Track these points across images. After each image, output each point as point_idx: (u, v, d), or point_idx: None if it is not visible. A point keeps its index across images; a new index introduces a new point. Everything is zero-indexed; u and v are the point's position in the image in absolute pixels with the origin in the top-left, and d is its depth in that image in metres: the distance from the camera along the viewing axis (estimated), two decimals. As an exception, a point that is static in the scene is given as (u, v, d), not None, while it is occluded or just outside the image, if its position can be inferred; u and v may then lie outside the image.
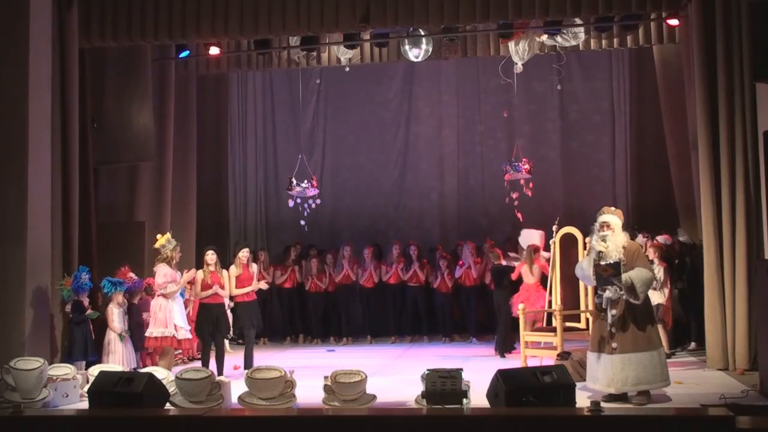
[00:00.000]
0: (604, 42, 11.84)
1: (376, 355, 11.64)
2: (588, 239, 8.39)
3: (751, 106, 9.31)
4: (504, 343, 11.07)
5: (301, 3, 10.23)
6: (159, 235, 9.93)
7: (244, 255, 10.04)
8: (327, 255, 13.52)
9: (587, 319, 9.26)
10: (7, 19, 9.41)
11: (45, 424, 6.24)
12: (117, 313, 9.77)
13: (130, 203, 12.21)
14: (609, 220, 7.71)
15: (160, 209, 12.38)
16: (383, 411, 7.02)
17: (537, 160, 13.19)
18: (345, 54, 12.20)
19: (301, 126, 14.49)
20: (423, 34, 11.60)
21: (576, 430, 5.61)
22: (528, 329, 9.96)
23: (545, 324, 9.97)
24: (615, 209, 7.94)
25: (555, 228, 10.03)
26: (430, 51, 11.76)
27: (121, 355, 9.63)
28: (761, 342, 8.11)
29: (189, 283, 10.22)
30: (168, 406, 7.16)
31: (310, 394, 7.68)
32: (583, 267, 7.86)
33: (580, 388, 7.24)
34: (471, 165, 14.86)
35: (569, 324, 9.40)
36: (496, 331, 11.75)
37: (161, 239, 9.79)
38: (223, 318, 9.88)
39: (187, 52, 12.31)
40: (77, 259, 10.11)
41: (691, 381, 8.62)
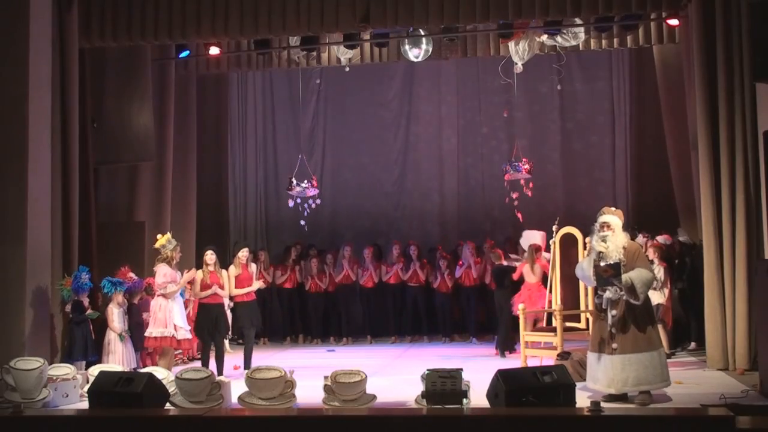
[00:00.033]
0: (604, 42, 11.84)
1: (376, 355, 11.63)
2: (588, 239, 8.39)
3: (751, 106, 9.31)
4: (505, 343, 11.08)
5: (301, 3, 10.24)
6: (159, 235, 9.93)
7: (243, 255, 10.03)
8: (327, 255, 13.52)
9: (587, 319, 9.26)
10: (7, 19, 9.41)
11: (45, 424, 6.24)
12: (117, 313, 9.77)
13: (130, 203, 12.21)
14: (609, 220, 7.70)
15: (160, 209, 12.39)
16: (383, 411, 7.02)
17: (537, 160, 13.20)
18: (345, 54, 12.20)
19: (301, 126, 14.49)
20: (423, 34, 11.60)
21: (576, 430, 5.61)
22: (530, 328, 9.97)
23: (545, 324, 9.98)
24: (615, 209, 7.92)
25: (555, 228, 10.03)
26: (430, 51, 11.76)
27: (121, 355, 9.64)
28: (761, 342, 8.11)
29: (189, 283, 10.22)
30: (168, 406, 7.15)
31: (310, 394, 7.67)
32: (584, 267, 7.86)
33: (580, 388, 7.24)
34: (471, 165, 14.86)
35: (569, 324, 9.40)
36: (496, 331, 11.75)
37: (161, 239, 9.78)
38: (223, 318, 9.88)
39: (187, 52, 12.32)
40: (77, 259, 10.12)
41: (691, 381, 8.62)
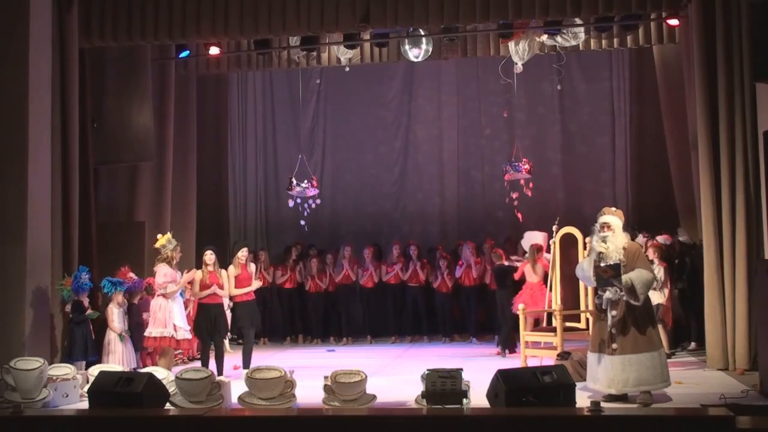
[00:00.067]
0: (604, 42, 11.84)
1: (376, 355, 11.63)
2: (588, 239, 8.39)
3: (751, 106, 9.31)
4: (506, 342, 11.07)
5: (301, 3, 10.23)
6: (159, 235, 9.92)
7: (242, 255, 10.01)
8: (327, 255, 13.52)
9: (587, 319, 9.25)
10: (7, 19, 9.41)
11: (45, 424, 6.24)
12: (117, 313, 9.78)
13: (130, 203, 12.21)
14: (609, 220, 7.69)
15: (160, 209, 12.39)
16: (383, 411, 7.02)
17: (537, 160, 13.20)
18: (345, 54, 12.20)
19: (301, 126, 14.49)
20: (423, 34, 11.60)
21: (576, 430, 5.61)
22: (531, 328, 9.97)
23: (546, 324, 9.98)
24: (616, 210, 7.91)
25: (555, 228, 10.03)
26: (430, 51, 11.75)
27: (121, 355, 9.64)
28: (761, 342, 8.11)
29: (189, 283, 10.22)
30: (168, 406, 7.16)
31: (310, 394, 7.67)
32: (584, 268, 7.85)
33: (580, 388, 7.24)
34: (471, 165, 14.86)
35: (569, 324, 9.39)
36: (497, 331, 11.76)
37: (162, 239, 9.78)
38: (222, 318, 9.85)
39: (187, 52, 12.31)
40: (77, 259, 10.12)
41: (691, 381, 8.62)
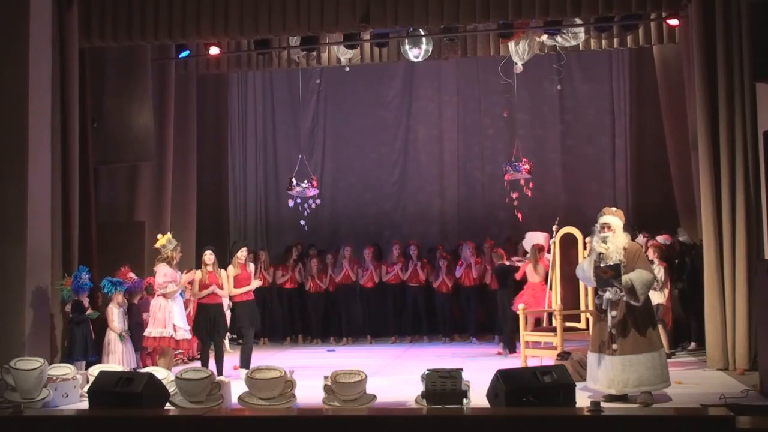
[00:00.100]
0: (604, 42, 11.84)
1: (376, 355, 11.63)
2: (588, 240, 8.38)
3: (751, 106, 9.31)
4: (509, 341, 11.05)
5: (301, 3, 10.23)
6: (159, 235, 9.92)
7: (242, 255, 9.98)
8: (327, 255, 13.52)
9: (587, 319, 9.25)
10: (7, 19, 9.41)
11: (45, 424, 6.24)
12: (117, 313, 9.78)
13: (130, 203, 12.21)
14: (610, 221, 7.68)
15: (160, 209, 12.39)
16: (383, 411, 7.02)
17: (537, 160, 13.21)
18: (345, 54, 12.20)
19: (301, 126, 14.49)
20: (423, 34, 11.60)
21: (576, 430, 5.60)
22: (532, 328, 9.98)
23: (546, 323, 9.98)
24: (616, 210, 7.90)
25: (555, 228, 10.03)
26: (430, 51, 11.76)
27: (121, 355, 9.65)
28: (761, 342, 8.11)
29: (189, 283, 10.22)
30: (168, 406, 7.15)
31: (310, 394, 7.67)
32: (584, 268, 7.85)
33: (580, 388, 7.23)
34: (471, 165, 14.86)
35: (569, 324, 9.39)
36: (497, 330, 11.75)
37: (162, 239, 9.78)
38: (221, 318, 9.83)
39: (187, 52, 12.31)
40: (77, 259, 10.11)
41: (691, 381, 8.62)
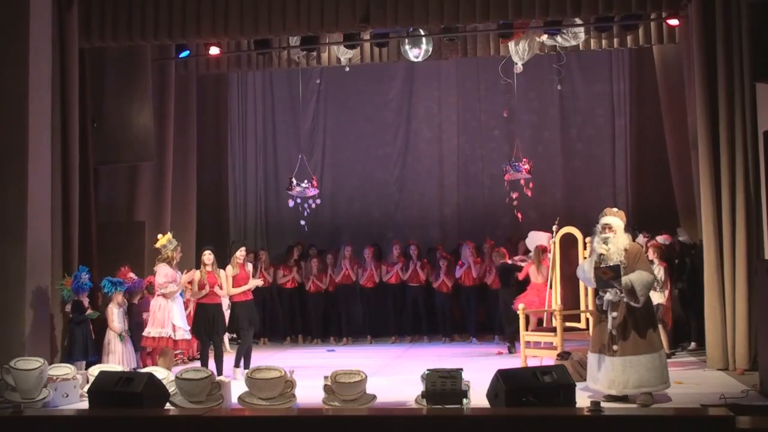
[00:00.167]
0: (604, 42, 11.84)
1: (376, 355, 11.63)
2: (589, 240, 8.37)
3: (751, 106, 9.31)
4: (513, 340, 11.04)
5: (301, 3, 10.24)
6: (160, 235, 9.92)
7: (240, 255, 9.96)
8: (327, 255, 13.52)
9: (587, 319, 9.24)
10: (7, 19, 9.41)
11: (45, 424, 6.24)
12: (117, 313, 9.78)
13: (130, 203, 12.21)
14: (611, 222, 7.66)
15: (160, 209, 12.39)
16: (383, 411, 7.02)
17: (537, 160, 13.20)
18: (345, 54, 12.20)
19: (301, 126, 14.49)
20: (423, 34, 11.60)
21: (576, 430, 5.61)
22: (534, 327, 9.97)
23: (547, 323, 9.98)
24: (617, 211, 7.88)
25: (555, 228, 10.02)
26: (430, 51, 11.76)
27: (121, 355, 9.65)
28: (761, 342, 8.11)
29: (189, 283, 10.22)
30: (168, 406, 7.15)
31: (310, 394, 7.67)
32: (585, 269, 7.84)
33: (580, 388, 7.23)
34: (471, 165, 14.86)
35: (569, 324, 9.39)
36: (497, 330, 11.75)
37: (162, 239, 9.78)
38: (220, 318, 9.82)
39: (187, 52, 12.31)
40: (77, 259, 10.12)
41: (691, 381, 8.61)
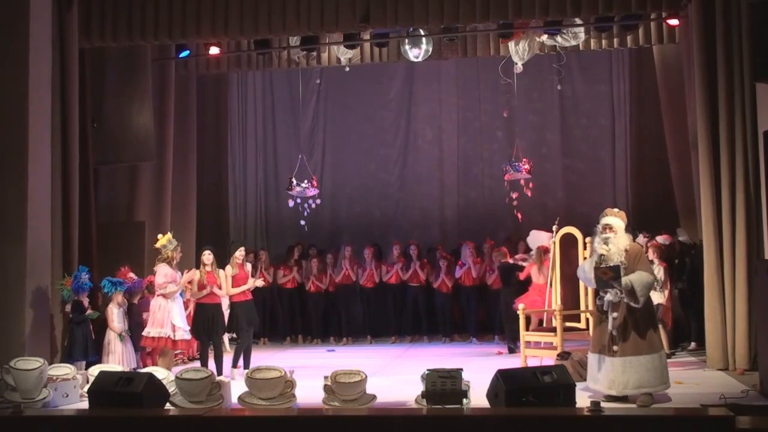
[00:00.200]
0: (604, 42, 11.84)
1: (376, 355, 11.63)
2: (589, 240, 8.37)
3: (751, 106, 9.31)
4: (514, 339, 11.03)
5: (301, 3, 10.24)
6: (160, 235, 9.92)
7: (240, 255, 9.95)
8: (327, 255, 13.52)
9: (587, 319, 9.25)
10: (7, 19, 9.41)
11: (45, 424, 6.24)
12: (117, 313, 9.78)
13: (130, 203, 12.21)
14: (612, 222, 7.65)
15: (160, 209, 12.39)
16: (383, 411, 7.01)
17: (537, 160, 13.21)
18: (345, 54, 12.20)
19: (301, 126, 14.49)
20: (423, 34, 11.60)
21: (576, 430, 5.60)
22: (535, 327, 9.97)
23: (547, 323, 9.98)
24: (618, 211, 7.87)
25: (555, 228, 10.02)
26: (430, 51, 11.76)
27: (121, 355, 9.64)
28: (761, 342, 8.11)
29: (189, 284, 10.22)
30: (168, 406, 7.16)
31: (310, 394, 7.67)
32: (585, 269, 7.84)
33: (580, 388, 7.22)
34: (471, 165, 14.85)
35: (569, 324, 9.39)
36: (497, 330, 11.74)
37: (162, 239, 9.77)
38: (220, 318, 9.82)
39: (187, 52, 12.31)
40: (77, 259, 10.12)
41: (691, 381, 8.62)
